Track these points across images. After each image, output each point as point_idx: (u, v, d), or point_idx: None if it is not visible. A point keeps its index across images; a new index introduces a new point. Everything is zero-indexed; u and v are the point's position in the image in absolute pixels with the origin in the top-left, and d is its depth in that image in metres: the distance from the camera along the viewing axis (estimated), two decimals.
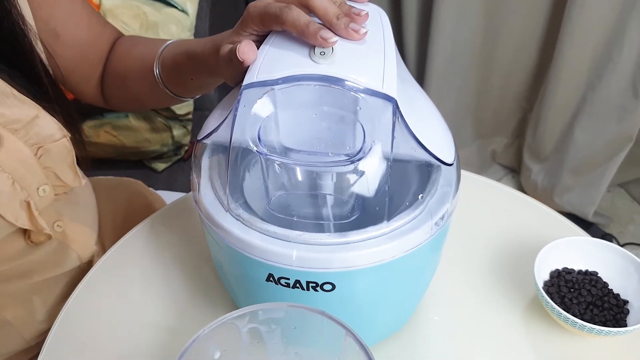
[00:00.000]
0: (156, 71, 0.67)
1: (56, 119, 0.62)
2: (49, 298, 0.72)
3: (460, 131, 1.77)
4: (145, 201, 0.91)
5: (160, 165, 1.27)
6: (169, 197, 0.97)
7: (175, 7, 1.12)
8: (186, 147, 1.26)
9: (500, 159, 1.88)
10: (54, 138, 0.62)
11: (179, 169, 1.27)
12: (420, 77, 1.70)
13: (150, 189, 0.96)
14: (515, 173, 1.88)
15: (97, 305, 0.65)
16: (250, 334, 0.39)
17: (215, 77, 0.62)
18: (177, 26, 1.11)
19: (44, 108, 0.61)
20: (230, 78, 0.53)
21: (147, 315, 0.64)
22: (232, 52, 0.48)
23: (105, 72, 0.75)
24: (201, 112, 1.28)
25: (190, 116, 1.21)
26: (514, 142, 1.84)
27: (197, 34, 1.16)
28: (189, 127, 1.23)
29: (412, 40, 1.67)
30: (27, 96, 0.60)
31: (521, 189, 1.79)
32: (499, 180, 1.83)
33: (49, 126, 0.61)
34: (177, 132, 1.21)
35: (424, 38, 1.64)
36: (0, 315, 0.69)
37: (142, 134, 1.18)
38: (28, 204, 0.62)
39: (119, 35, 0.77)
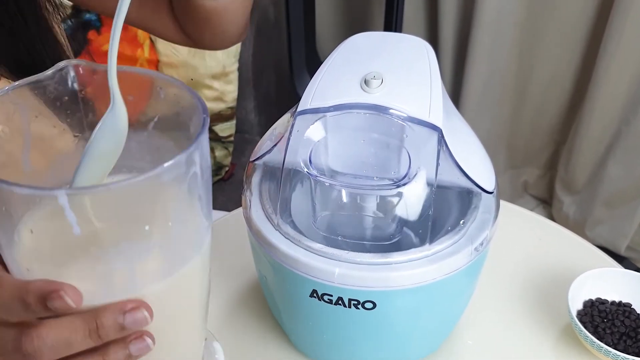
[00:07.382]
0: None
1: None
2: None
3: (492, 161, 1.77)
4: None
5: None
6: None
7: None
8: (227, 168, 1.30)
9: (532, 190, 1.88)
10: None
11: (219, 188, 1.31)
12: (454, 105, 1.72)
13: None
14: (546, 204, 1.87)
15: None
16: None
17: None
18: (224, 52, 1.15)
19: None
20: None
21: None
22: None
23: None
24: (241, 134, 1.31)
25: (232, 138, 1.25)
26: (546, 173, 1.84)
27: (242, 59, 1.20)
28: (230, 149, 1.27)
29: (447, 69, 1.69)
30: None
31: (553, 220, 1.78)
32: (530, 211, 1.82)
33: None
34: (219, 153, 1.25)
35: (459, 68, 1.66)
36: None
37: None
38: None
39: None
